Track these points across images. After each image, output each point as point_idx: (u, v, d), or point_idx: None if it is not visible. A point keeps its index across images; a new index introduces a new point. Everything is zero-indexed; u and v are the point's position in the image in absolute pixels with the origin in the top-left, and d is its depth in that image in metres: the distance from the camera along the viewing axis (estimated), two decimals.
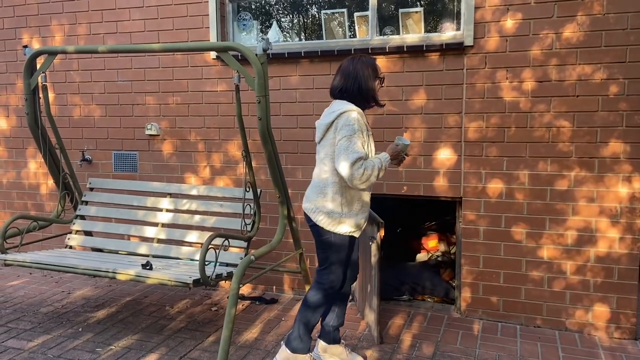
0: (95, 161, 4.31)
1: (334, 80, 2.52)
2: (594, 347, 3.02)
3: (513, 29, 3.18)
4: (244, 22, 4.03)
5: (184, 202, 3.57)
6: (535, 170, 3.22)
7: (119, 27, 4.10)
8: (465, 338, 3.14)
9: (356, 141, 2.33)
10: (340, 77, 2.48)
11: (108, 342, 3.05)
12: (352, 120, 2.34)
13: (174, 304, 3.70)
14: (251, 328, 3.27)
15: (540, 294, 3.28)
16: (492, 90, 3.26)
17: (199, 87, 3.94)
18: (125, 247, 3.60)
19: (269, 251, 3.13)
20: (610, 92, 3.04)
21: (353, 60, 2.48)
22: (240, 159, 3.89)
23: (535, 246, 3.25)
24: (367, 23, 3.65)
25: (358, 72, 2.44)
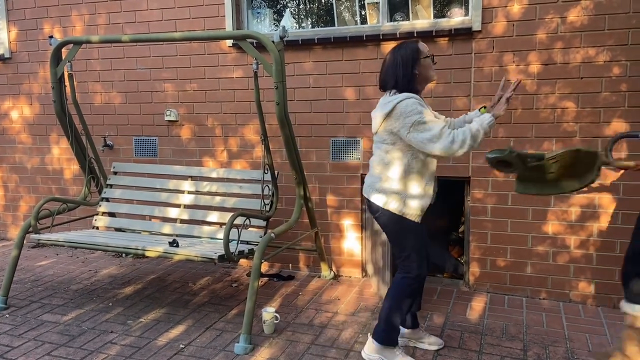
0: (117, 147, 4.49)
1: (381, 73, 2.53)
2: (597, 317, 3.19)
3: (519, 13, 3.30)
4: (258, 10, 4.16)
5: (205, 184, 3.75)
6: (541, 150, 3.36)
7: (137, 16, 4.24)
8: (474, 310, 3.31)
9: (429, 118, 2.31)
10: (382, 70, 2.50)
11: (138, 315, 3.26)
12: (410, 105, 2.31)
13: (196, 280, 3.90)
14: (270, 302, 3.47)
15: (545, 268, 3.44)
16: (499, 73, 3.39)
17: (216, 74, 4.09)
18: (149, 227, 3.79)
19: (287, 229, 3.31)
20: (612, 74, 3.17)
21: (393, 50, 2.48)
22: (256, 143, 4.05)
23: (541, 222, 3.41)
24: (377, 9, 3.77)
25: (396, 63, 2.43)
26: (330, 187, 3.92)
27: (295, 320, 3.18)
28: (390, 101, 2.37)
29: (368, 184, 2.55)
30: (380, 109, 2.43)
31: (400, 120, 2.33)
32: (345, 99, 3.79)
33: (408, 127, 2.32)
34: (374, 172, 2.54)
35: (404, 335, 2.80)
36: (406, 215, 2.47)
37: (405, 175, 2.44)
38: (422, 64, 2.43)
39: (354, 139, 3.80)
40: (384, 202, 2.47)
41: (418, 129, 2.31)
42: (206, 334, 2.99)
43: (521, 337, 2.92)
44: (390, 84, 2.46)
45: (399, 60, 2.43)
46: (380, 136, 2.47)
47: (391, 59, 2.47)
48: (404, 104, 2.33)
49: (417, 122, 2.30)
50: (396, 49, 2.48)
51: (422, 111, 2.32)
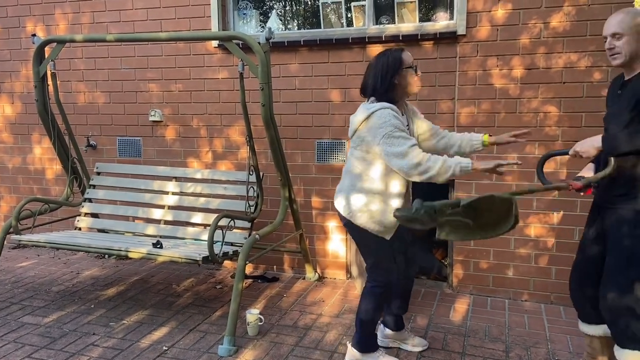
0: (100, 147, 4.44)
1: (363, 79, 2.48)
2: (577, 319, 3.23)
3: (503, 18, 3.34)
4: (244, 11, 4.15)
5: (189, 185, 3.73)
6: (524, 153, 3.40)
7: (122, 15, 4.21)
8: (457, 311, 3.34)
9: (400, 134, 2.26)
10: (365, 76, 2.46)
11: (120, 317, 3.23)
12: (385, 117, 2.28)
13: (180, 282, 3.87)
14: (255, 304, 3.46)
15: (528, 270, 3.48)
16: (483, 77, 3.43)
17: (201, 75, 4.07)
18: (132, 229, 3.76)
19: (272, 231, 3.31)
20: (594, 79, 3.22)
21: (376, 57, 2.44)
22: (241, 144, 4.04)
23: (523, 225, 3.45)
24: (363, 12, 3.79)
25: (377, 70, 2.39)
26: (315, 189, 3.92)
27: (279, 322, 3.17)
28: (367, 109, 2.35)
29: (336, 192, 2.53)
30: (358, 116, 2.40)
31: (372, 131, 2.31)
32: (331, 101, 3.80)
33: (379, 139, 2.29)
34: (342, 181, 2.50)
35: (388, 336, 2.82)
36: (362, 227, 2.41)
37: (371, 187, 2.39)
38: (402, 74, 2.38)
39: (339, 141, 3.81)
40: (347, 210, 2.43)
41: (387, 142, 2.27)
42: (189, 336, 2.97)
43: (503, 339, 2.95)
44: (369, 91, 2.43)
45: (380, 67, 2.39)
46: (354, 142, 2.44)
47: (373, 65, 2.43)
48: (379, 114, 2.30)
49: (388, 134, 2.27)
50: (380, 55, 2.44)
51: (395, 124, 2.28)
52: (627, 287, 2.24)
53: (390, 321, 2.80)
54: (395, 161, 2.28)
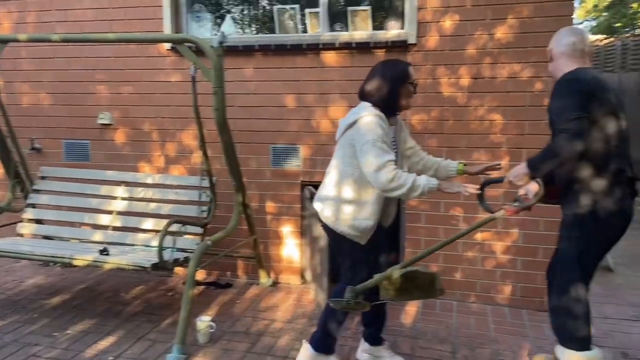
0: (45, 150, 4.28)
1: (363, 82, 2.47)
2: (521, 319, 3.36)
3: (451, 29, 3.45)
4: (198, 14, 4.11)
5: (139, 190, 3.65)
6: (471, 160, 3.51)
7: (70, 15, 4.08)
8: (408, 314, 3.41)
9: (381, 145, 2.27)
10: (367, 79, 2.45)
11: (65, 327, 3.11)
12: (371, 124, 2.29)
13: (128, 290, 3.78)
14: (207, 310, 3.41)
15: (474, 273, 3.60)
16: (433, 85, 3.53)
17: (153, 77, 4.00)
18: (79, 235, 3.64)
19: (225, 236, 3.28)
20: (536, 89, 3.37)
21: (382, 64, 2.45)
22: (194, 149, 3.99)
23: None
24: (317, 19, 3.83)
25: (379, 76, 2.39)
26: (270, 194, 3.92)
27: (231, 329, 3.14)
28: (356, 114, 2.37)
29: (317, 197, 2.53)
30: (346, 119, 2.41)
31: (357, 135, 2.32)
32: (286, 106, 3.81)
33: (361, 145, 2.31)
34: (323, 184, 2.50)
35: (365, 350, 2.78)
36: (340, 231, 2.43)
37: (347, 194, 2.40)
38: (405, 87, 2.40)
39: (294, 146, 3.82)
40: (324, 214, 2.45)
41: (367, 150, 2.28)
42: (137, 345, 2.90)
43: (451, 340, 3.03)
44: (367, 95, 2.42)
45: (386, 75, 2.39)
46: (340, 145, 2.44)
47: (379, 71, 2.42)
48: (366, 120, 2.31)
49: (370, 142, 2.27)
50: (387, 63, 2.45)
51: (379, 134, 2.28)
52: (564, 287, 2.36)
53: (367, 334, 2.77)
54: (370, 171, 2.28)
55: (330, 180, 2.47)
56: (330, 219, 2.44)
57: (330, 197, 2.45)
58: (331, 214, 2.44)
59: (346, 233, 2.42)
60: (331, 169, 2.49)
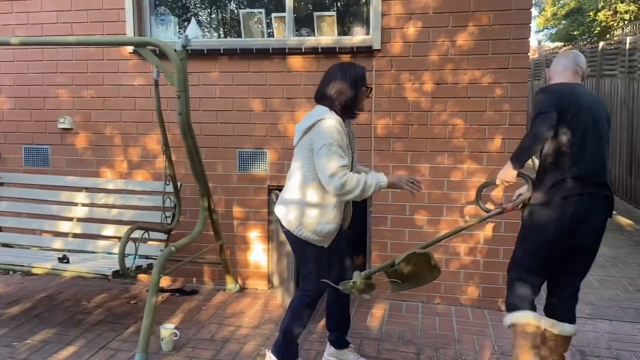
0: (4, 155, 4.15)
1: (319, 85, 2.48)
2: (483, 319, 3.44)
3: (414, 35, 3.51)
4: (162, 17, 4.07)
5: (101, 196, 3.57)
6: (435, 163, 3.58)
7: (30, 18, 3.97)
8: (374, 317, 3.44)
9: (336, 149, 2.29)
10: (322, 82, 2.46)
11: (24, 337, 3.02)
12: (329, 128, 2.30)
13: (90, 298, 3.69)
14: (171, 318, 3.36)
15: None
16: (398, 90, 3.58)
17: (115, 81, 3.93)
18: (38, 243, 3.54)
19: (189, 242, 3.24)
20: (495, 95, 3.46)
21: (339, 67, 2.46)
22: (158, 153, 3.94)
23: (435, 231, 3.62)
24: (284, 24, 3.84)
25: (339, 79, 2.40)
26: (237, 199, 3.90)
27: (196, 336, 3.11)
28: (313, 117, 2.37)
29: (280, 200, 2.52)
30: (303, 123, 2.41)
31: (315, 138, 2.33)
32: (252, 110, 3.80)
33: (317, 148, 2.32)
34: (284, 189, 2.50)
35: (331, 354, 2.78)
36: (301, 236, 2.43)
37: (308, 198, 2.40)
38: (362, 91, 2.44)
39: (261, 151, 3.82)
40: (286, 220, 2.45)
41: (323, 153, 2.29)
42: (99, 354, 2.84)
43: (416, 342, 3.08)
44: (324, 98, 2.42)
45: (342, 78, 2.40)
46: (298, 150, 2.44)
47: (334, 74, 2.43)
48: (325, 124, 2.32)
49: (327, 146, 2.29)
50: (343, 66, 2.46)
51: (336, 138, 2.30)
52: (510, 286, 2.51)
53: (332, 338, 2.78)
54: (324, 175, 2.30)
55: (293, 184, 2.47)
56: (293, 223, 2.44)
57: (293, 200, 2.45)
58: (294, 219, 2.43)
59: (310, 238, 2.43)
60: (292, 173, 2.49)
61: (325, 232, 2.43)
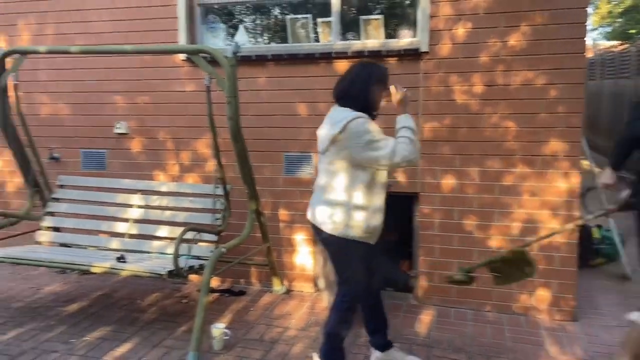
0: (63, 159, 4.36)
1: (340, 84, 2.48)
2: (537, 328, 3.33)
3: (464, 36, 3.45)
4: (212, 25, 4.17)
5: (155, 198, 3.69)
6: (484, 167, 3.50)
7: (88, 27, 4.17)
8: (422, 323, 3.39)
9: (377, 137, 2.33)
10: (346, 81, 2.46)
11: (82, 334, 3.15)
12: (360, 125, 2.32)
13: (144, 297, 3.81)
14: (221, 318, 3.43)
15: (490, 281, 3.56)
16: (446, 93, 3.53)
17: (168, 87, 4.06)
18: (96, 243, 3.69)
19: (238, 244, 3.31)
20: (550, 96, 3.35)
21: (362, 66, 2.47)
22: (208, 157, 4.03)
23: (485, 237, 3.54)
24: (330, 28, 3.86)
25: (360, 79, 2.43)
26: (283, 202, 3.94)
27: (245, 336, 3.16)
28: (340, 121, 2.36)
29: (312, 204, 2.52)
30: (330, 129, 2.41)
31: (352, 140, 2.33)
32: (298, 114, 3.84)
33: (361, 147, 2.32)
34: (320, 194, 2.50)
35: (378, 358, 2.79)
36: (349, 236, 2.43)
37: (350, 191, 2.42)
38: (382, 89, 2.49)
39: (307, 154, 3.85)
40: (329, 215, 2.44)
41: (372, 147, 2.32)
42: (154, 352, 2.93)
43: (466, 349, 3.01)
44: (348, 98, 2.44)
45: (366, 77, 2.43)
46: (328, 155, 2.44)
47: (356, 74, 2.46)
48: (355, 124, 2.33)
49: (370, 141, 2.31)
50: (365, 65, 2.48)
51: (372, 129, 2.34)
52: None
53: (375, 342, 2.79)
54: (386, 162, 2.34)
55: (337, 186, 2.43)
56: (340, 225, 2.42)
57: (338, 202, 2.43)
58: (340, 221, 2.42)
59: (357, 237, 2.43)
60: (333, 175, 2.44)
61: (372, 227, 2.45)
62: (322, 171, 2.50)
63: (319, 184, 2.52)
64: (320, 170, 2.53)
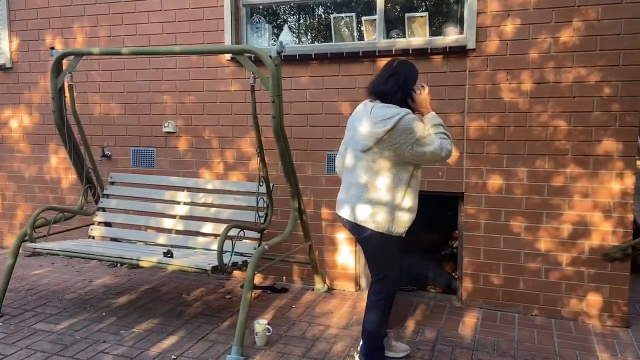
0: (114, 157, 4.52)
1: (380, 80, 2.53)
2: (588, 334, 3.21)
3: (512, 33, 3.36)
4: (257, 25, 4.23)
5: (200, 195, 3.78)
6: (533, 167, 3.40)
7: (138, 29, 4.31)
8: (466, 325, 3.33)
9: (425, 133, 2.41)
10: (390, 78, 2.50)
11: (130, 326, 3.27)
12: (411, 121, 2.38)
13: (190, 292, 3.91)
14: (264, 314, 3.48)
15: (538, 284, 3.46)
16: (493, 91, 3.45)
17: (214, 87, 4.15)
18: (144, 238, 3.81)
19: (281, 241, 3.34)
20: (604, 94, 3.22)
21: (397, 64, 2.54)
22: (251, 155, 4.09)
23: (533, 239, 3.44)
24: (374, 26, 3.84)
25: (400, 75, 2.50)
26: (325, 200, 3.95)
27: (287, 333, 3.19)
28: (391, 117, 2.37)
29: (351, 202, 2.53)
30: (377, 126, 2.39)
31: (403, 136, 2.36)
32: (341, 113, 3.84)
33: (411, 144, 2.37)
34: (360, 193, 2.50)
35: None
36: (393, 233, 2.49)
37: (394, 190, 2.46)
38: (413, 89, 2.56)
39: None
40: (371, 213, 2.46)
41: (421, 143, 2.39)
42: (198, 345, 3.00)
43: (512, 353, 2.93)
44: (387, 94, 2.49)
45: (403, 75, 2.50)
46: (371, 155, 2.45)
47: (392, 71, 2.52)
48: (406, 120, 2.36)
49: (420, 137, 2.39)
50: (401, 63, 2.54)
51: (420, 126, 2.42)
52: None
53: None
54: (433, 157, 2.43)
55: (382, 184, 2.45)
56: (383, 224, 2.46)
57: (381, 201, 2.46)
58: (383, 220, 2.46)
59: (399, 233, 2.53)
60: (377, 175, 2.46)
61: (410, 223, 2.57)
62: (361, 169, 2.50)
63: (358, 182, 2.51)
64: (357, 167, 2.51)
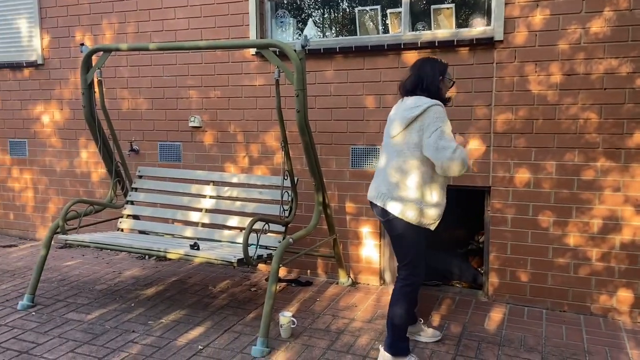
0: (142, 151, 4.61)
1: (408, 80, 2.62)
2: (618, 331, 3.14)
3: (541, 24, 3.29)
4: (281, 20, 4.24)
5: (226, 189, 3.82)
6: (562, 161, 3.33)
7: (165, 25, 4.37)
8: (492, 320, 3.29)
9: (448, 131, 2.43)
10: (416, 76, 2.60)
11: (158, 316, 3.33)
12: (440, 112, 2.44)
13: (216, 284, 3.97)
14: (288, 307, 3.51)
15: (566, 280, 3.40)
16: (521, 83, 3.38)
17: (239, 82, 4.18)
18: (171, 230, 3.88)
19: (305, 235, 3.35)
20: (636, 85, 3.13)
21: (425, 61, 2.64)
22: (276, 149, 4.12)
23: (562, 234, 3.37)
24: (399, 19, 3.81)
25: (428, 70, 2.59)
26: (349, 195, 3.95)
27: (312, 325, 3.21)
28: (420, 105, 2.46)
29: (382, 192, 2.57)
30: (408, 112, 2.48)
31: (431, 118, 2.42)
32: (366, 107, 3.83)
33: (433, 132, 2.41)
34: (390, 179, 2.56)
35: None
36: (423, 225, 2.55)
37: (423, 183, 2.51)
38: (445, 81, 2.65)
39: (374, 147, 3.83)
40: (401, 210, 2.52)
41: (441, 137, 2.40)
42: (224, 336, 3.05)
43: (539, 349, 2.89)
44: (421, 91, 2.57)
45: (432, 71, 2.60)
46: (399, 141, 2.52)
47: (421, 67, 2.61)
48: (436, 109, 2.44)
49: (444, 130, 2.41)
50: (430, 60, 2.63)
51: (447, 122, 2.46)
52: None
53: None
54: (443, 153, 2.38)
55: (412, 183, 2.51)
56: (413, 219, 2.53)
57: (410, 199, 2.51)
58: (414, 217, 2.52)
59: (429, 223, 2.58)
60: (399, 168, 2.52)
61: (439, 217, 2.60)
62: (392, 168, 2.57)
63: (390, 181, 2.56)
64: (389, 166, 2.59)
